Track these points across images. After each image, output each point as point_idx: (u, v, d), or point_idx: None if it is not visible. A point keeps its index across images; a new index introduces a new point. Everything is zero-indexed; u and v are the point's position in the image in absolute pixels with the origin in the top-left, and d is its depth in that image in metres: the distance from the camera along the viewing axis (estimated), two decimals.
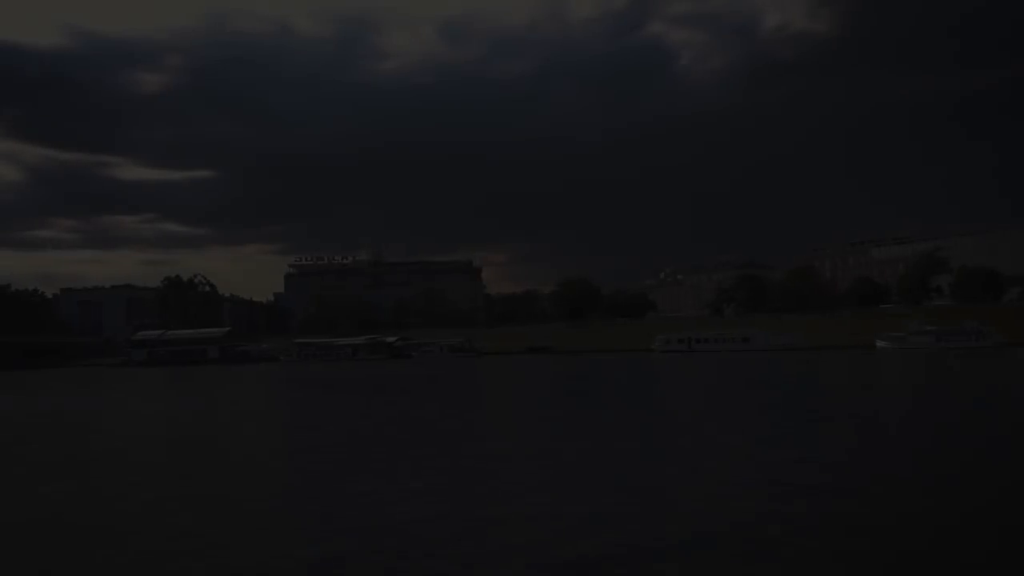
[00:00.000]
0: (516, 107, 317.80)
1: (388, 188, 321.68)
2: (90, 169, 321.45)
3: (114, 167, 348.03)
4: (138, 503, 15.77)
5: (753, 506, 13.66)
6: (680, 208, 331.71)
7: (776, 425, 26.00)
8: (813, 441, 22.21)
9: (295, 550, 11.96)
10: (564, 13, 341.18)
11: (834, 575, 10.36)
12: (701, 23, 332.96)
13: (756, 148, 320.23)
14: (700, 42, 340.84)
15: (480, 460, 20.08)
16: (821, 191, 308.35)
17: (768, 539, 11.64)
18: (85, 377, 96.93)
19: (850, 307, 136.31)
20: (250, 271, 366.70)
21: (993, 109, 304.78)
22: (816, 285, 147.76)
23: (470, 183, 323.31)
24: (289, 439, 28.17)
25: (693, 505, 13.99)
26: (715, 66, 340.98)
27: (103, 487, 17.99)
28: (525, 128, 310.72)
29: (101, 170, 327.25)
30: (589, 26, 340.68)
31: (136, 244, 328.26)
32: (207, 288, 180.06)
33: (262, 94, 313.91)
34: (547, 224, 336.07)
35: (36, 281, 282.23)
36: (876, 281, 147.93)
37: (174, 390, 65.52)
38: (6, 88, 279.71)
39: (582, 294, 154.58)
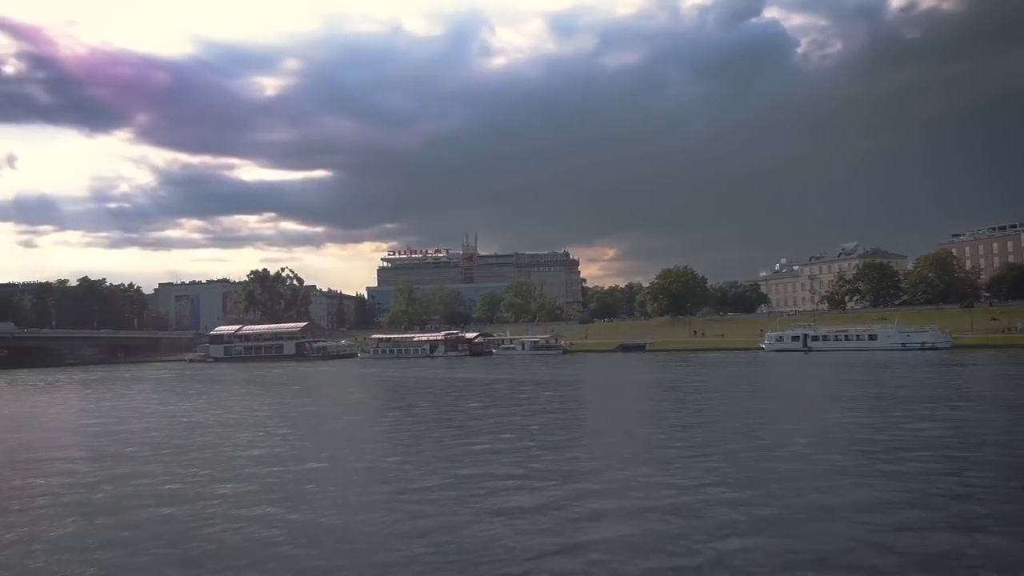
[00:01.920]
0: (627, 99, 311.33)
1: (498, 184, 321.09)
2: (215, 171, 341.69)
3: (237, 169, 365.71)
4: None
5: None
6: (800, 199, 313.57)
7: None
8: None
9: None
10: (675, 2, 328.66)
11: None
12: (821, 7, 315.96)
13: (879, 134, 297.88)
14: (820, 27, 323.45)
15: None
16: (951, 177, 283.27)
17: None
18: (148, 374, 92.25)
19: (997, 298, 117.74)
20: (360, 268, 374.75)
21: None
22: (955, 274, 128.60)
23: (580, 178, 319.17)
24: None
25: None
26: (835, 51, 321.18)
27: None
28: (636, 120, 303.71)
29: (225, 172, 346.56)
30: (702, 14, 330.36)
31: (257, 243, 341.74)
32: (294, 282, 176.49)
33: (376, 94, 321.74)
34: (659, 218, 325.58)
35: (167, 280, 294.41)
36: None
37: (195, 391, 58.11)
38: (138, 96, 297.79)
39: (685, 286, 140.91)
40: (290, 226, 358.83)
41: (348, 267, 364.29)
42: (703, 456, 20.29)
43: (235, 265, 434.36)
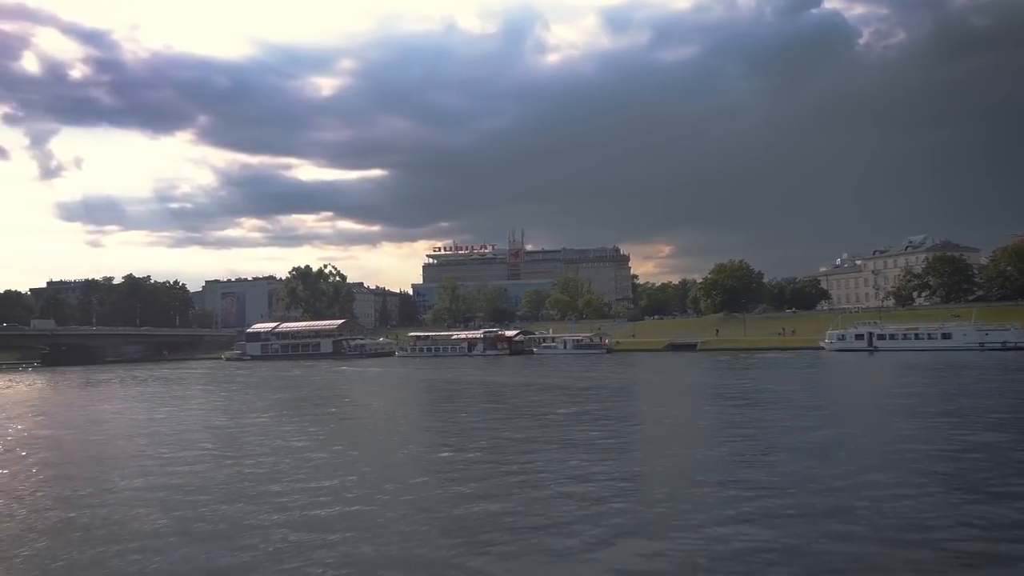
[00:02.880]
0: (682, 94, 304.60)
1: (552, 181, 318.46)
2: (273, 171, 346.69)
3: (295, 169, 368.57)
4: None
5: None
6: (862, 192, 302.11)
7: None
8: None
9: None
10: None
11: None
12: None
13: (945, 125, 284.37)
14: (882, 16, 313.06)
15: None
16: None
17: None
18: (174, 373, 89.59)
19: None
20: (414, 266, 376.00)
21: None
22: None
23: (635, 174, 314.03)
24: None
25: None
26: (899, 40, 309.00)
27: None
28: (692, 115, 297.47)
29: (283, 172, 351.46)
30: (760, 5, 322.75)
31: (315, 241, 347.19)
32: (337, 278, 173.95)
33: (430, 93, 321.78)
34: (716, 214, 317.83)
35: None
36: None
37: (207, 393, 54.39)
38: (199, 98, 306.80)
39: (740, 282, 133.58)
40: (347, 225, 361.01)
41: (403, 265, 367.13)
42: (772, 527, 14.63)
43: (293, 264, 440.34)
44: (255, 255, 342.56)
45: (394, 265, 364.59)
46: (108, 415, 39.50)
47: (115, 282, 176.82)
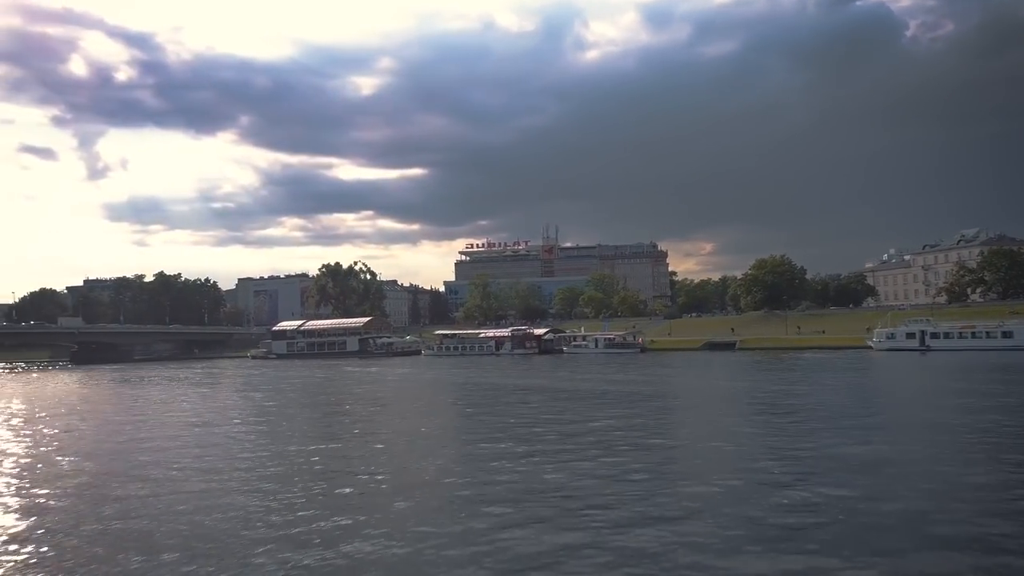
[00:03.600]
0: (724, 89, 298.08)
1: (591, 179, 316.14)
2: (314, 170, 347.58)
3: (335, 168, 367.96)
4: None
5: None
6: (908, 188, 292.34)
7: None
8: None
9: None
10: None
11: None
12: None
13: (995, 117, 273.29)
14: (929, 7, 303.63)
15: None
16: None
17: None
18: (184, 375, 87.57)
19: None
20: (450, 264, 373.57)
21: None
22: None
23: (675, 170, 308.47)
24: None
25: None
26: (947, 32, 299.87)
27: None
28: (734, 110, 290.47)
29: (323, 171, 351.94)
30: None
31: (356, 240, 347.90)
32: (367, 275, 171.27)
33: (469, 91, 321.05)
34: (759, 211, 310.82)
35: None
36: None
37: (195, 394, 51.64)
38: (241, 98, 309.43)
39: (781, 278, 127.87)
40: (387, 224, 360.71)
41: (441, 264, 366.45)
42: None
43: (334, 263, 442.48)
44: (296, 254, 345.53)
45: (432, 264, 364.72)
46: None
47: (146, 280, 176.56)
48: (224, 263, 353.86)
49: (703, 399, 41.28)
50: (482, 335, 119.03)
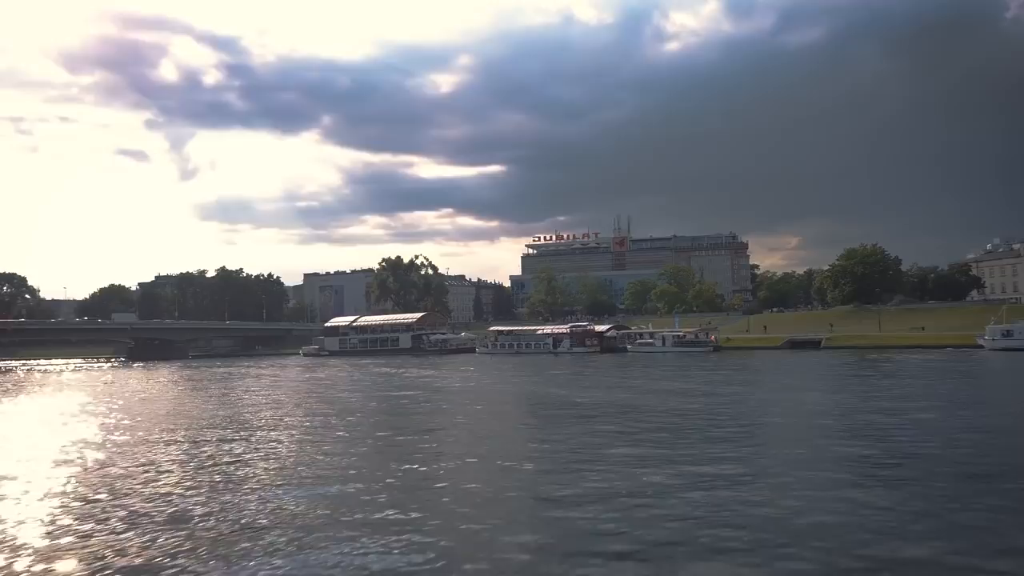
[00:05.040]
0: (810, 79, 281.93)
1: (672, 172, 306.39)
2: (395, 169, 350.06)
3: (415, 166, 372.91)
4: None
5: None
6: (1014, 176, 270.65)
7: None
8: None
9: None
10: None
11: None
12: None
13: None
14: None
15: None
16: None
17: None
18: (241, 370, 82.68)
19: None
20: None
21: None
22: None
23: (759, 163, 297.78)
24: None
25: None
26: None
27: None
28: (821, 99, 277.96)
29: (404, 169, 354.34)
30: None
31: (436, 237, 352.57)
32: (428, 270, 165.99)
33: (548, 86, 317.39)
34: (847, 204, 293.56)
35: None
36: None
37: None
38: (323, 98, 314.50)
39: (872, 269, 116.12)
40: (466, 221, 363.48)
41: (516, 260, 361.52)
42: None
43: None
44: (378, 252, 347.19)
45: (510, 260, 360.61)
46: None
47: (208, 276, 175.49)
48: (306, 261, 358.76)
49: (791, 425, 32.07)
50: (539, 331, 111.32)
